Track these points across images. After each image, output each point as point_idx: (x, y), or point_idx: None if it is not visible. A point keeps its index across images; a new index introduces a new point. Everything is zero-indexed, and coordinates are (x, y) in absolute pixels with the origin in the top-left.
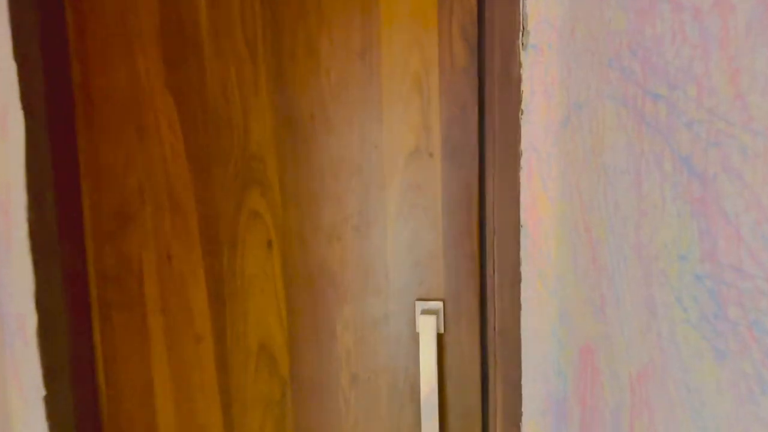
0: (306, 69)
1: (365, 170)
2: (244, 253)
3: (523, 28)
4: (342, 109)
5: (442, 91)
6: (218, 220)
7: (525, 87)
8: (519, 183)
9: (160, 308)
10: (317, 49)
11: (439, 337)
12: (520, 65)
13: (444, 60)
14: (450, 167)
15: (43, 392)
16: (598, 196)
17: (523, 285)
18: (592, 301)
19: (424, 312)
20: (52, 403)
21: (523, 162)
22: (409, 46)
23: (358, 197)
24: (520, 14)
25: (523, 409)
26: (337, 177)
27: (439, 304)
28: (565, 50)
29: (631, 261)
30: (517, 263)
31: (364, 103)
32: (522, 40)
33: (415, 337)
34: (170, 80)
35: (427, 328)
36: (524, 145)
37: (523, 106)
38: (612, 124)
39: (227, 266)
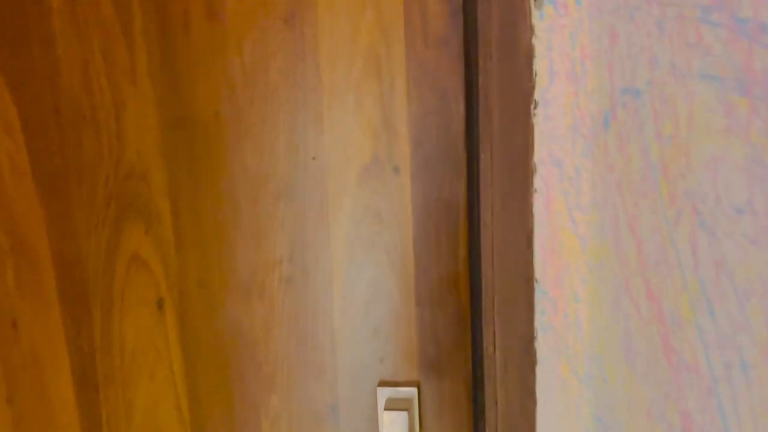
0: (206, 44)
1: (298, 193)
2: (123, 317)
3: None
4: (261, 102)
5: (411, 74)
6: (84, 269)
7: (540, 66)
8: (531, 214)
9: (4, 397)
10: (222, 14)
11: None
12: (531, 31)
13: (413, 26)
14: (424, 188)
15: None
16: (676, 246)
17: (539, 369)
18: (665, 417)
19: (391, 404)
20: None
21: (537, 182)
22: (360, 6)
23: (289, 233)
24: None
25: None
26: (256, 204)
27: (411, 392)
28: (605, 4)
29: (761, 373)
30: (530, 335)
31: (295, 94)
32: None
33: None
34: (5, 63)
35: (395, 428)
36: (539, 155)
37: (537, 96)
38: (711, 122)
39: (100, 337)
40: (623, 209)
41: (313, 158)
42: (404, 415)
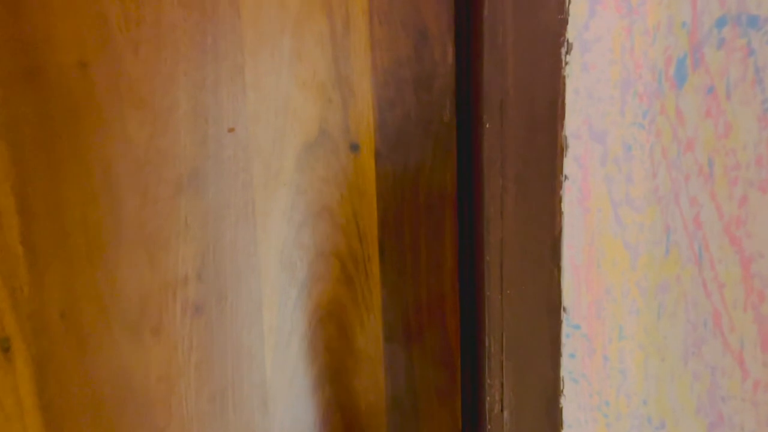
0: None
1: (210, 182)
2: None
3: None
4: (150, 48)
5: (376, 5)
6: None
7: None
8: (559, 212)
9: None
10: None
11: None
12: None
13: None
14: (396, 172)
15: None
16: None
17: None
18: None
19: None
20: None
21: (569, 165)
22: None
23: (197, 241)
24: None
25: None
26: (146, 197)
27: None
28: None
29: None
30: (554, 388)
31: (201, 35)
32: None
33: None
34: None
35: None
36: (573, 125)
37: (570, 36)
38: None
39: None
40: (713, 208)
41: (231, 130)
42: None
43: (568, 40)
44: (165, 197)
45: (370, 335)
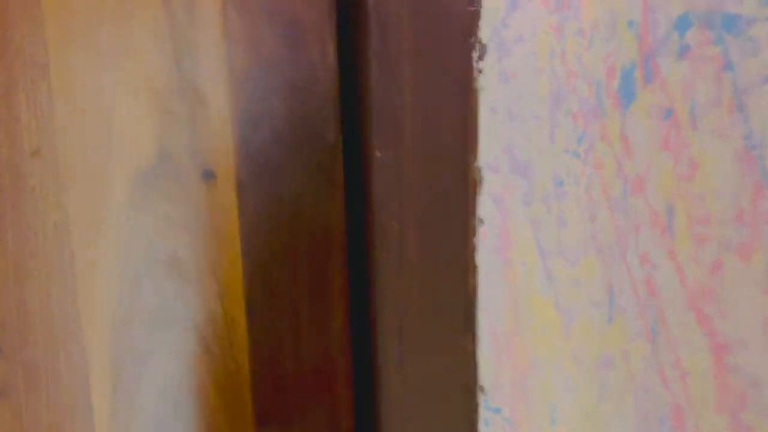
0: None
1: (8, 223)
2: None
3: None
4: None
5: None
6: None
7: None
8: (473, 266)
9: None
10: None
11: None
12: None
13: None
14: (263, 208)
15: None
16: None
17: None
18: None
19: None
20: None
21: (484, 205)
22: None
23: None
24: None
25: None
26: None
27: None
28: None
29: None
30: None
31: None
32: None
33: None
34: None
35: None
36: (489, 153)
37: (483, 36)
38: None
39: None
40: (673, 271)
41: (35, 153)
42: None
43: (480, 41)
44: None
45: (238, 420)
